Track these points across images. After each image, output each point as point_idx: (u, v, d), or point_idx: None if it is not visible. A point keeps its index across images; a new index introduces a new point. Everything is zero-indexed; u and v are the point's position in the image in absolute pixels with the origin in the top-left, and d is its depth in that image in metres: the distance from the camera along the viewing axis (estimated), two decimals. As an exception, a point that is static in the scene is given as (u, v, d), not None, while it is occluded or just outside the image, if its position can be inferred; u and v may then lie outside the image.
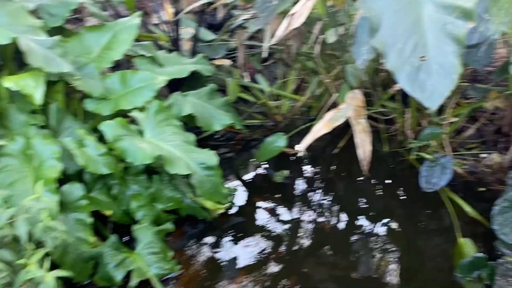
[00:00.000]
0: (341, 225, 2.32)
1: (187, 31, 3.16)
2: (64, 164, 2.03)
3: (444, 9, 1.54)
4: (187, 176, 2.17)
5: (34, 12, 2.32)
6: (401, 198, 2.48)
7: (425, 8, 1.57)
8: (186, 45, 3.13)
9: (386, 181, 2.57)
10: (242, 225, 2.35)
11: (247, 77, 3.07)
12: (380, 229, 2.25)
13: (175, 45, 3.01)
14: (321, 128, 2.16)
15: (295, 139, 2.59)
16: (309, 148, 2.33)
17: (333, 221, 2.35)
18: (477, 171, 2.38)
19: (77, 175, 2.19)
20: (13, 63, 2.24)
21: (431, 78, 1.49)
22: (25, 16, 2.21)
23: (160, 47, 3.05)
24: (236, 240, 2.25)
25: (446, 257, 2.04)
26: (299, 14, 2.05)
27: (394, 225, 2.28)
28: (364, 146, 2.17)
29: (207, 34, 3.25)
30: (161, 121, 2.27)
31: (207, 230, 2.31)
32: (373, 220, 2.31)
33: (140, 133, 2.24)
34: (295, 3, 2.26)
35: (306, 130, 2.39)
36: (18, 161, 1.98)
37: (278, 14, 2.33)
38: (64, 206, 1.98)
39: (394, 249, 2.14)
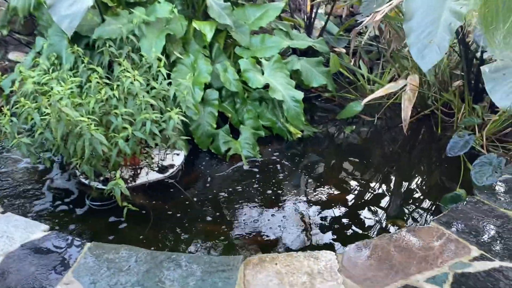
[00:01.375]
0: (380, 155, 3.24)
1: (319, 23, 4.29)
2: (212, 79, 3.33)
3: (453, 13, 2.40)
4: (282, 106, 3.30)
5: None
6: (426, 154, 3.29)
7: (444, 12, 2.45)
8: (316, 32, 4.27)
9: (421, 143, 3.39)
10: (307, 148, 3.40)
11: (353, 63, 4.08)
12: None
13: (307, 30, 4.17)
14: (379, 92, 3.10)
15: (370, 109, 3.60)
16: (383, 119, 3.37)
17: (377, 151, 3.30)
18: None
19: (219, 90, 3.46)
20: (201, 14, 3.61)
21: (431, 52, 2.37)
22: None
23: (297, 29, 4.24)
24: (301, 157, 3.30)
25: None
26: (381, 12, 3.02)
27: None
28: (406, 111, 3.04)
29: (333, 28, 4.33)
30: (276, 68, 3.44)
31: (287, 146, 3.40)
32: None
33: (262, 72, 3.44)
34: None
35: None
36: (186, 68, 3.32)
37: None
38: (205, 102, 3.27)
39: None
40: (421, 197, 2.88)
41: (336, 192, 2.87)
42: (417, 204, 2.81)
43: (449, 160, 3.07)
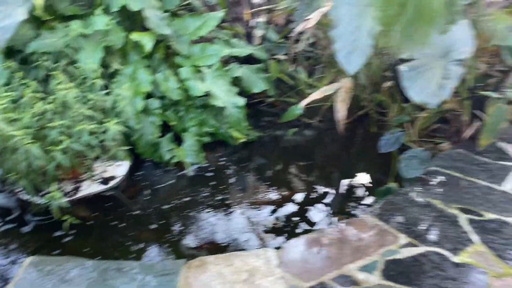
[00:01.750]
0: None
1: (260, 31, 4.42)
2: (153, 89, 3.36)
3: (374, 19, 2.57)
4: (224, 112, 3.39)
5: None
6: (362, 152, 3.50)
7: (366, 20, 2.61)
8: (256, 41, 4.39)
9: (358, 142, 3.59)
10: (252, 152, 3.50)
11: (293, 69, 4.22)
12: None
13: (248, 38, 4.29)
14: (315, 95, 3.24)
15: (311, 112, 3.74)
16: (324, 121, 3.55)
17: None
18: (427, 150, 3.24)
19: (161, 99, 3.49)
20: (139, 26, 3.64)
21: (356, 57, 2.52)
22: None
23: (239, 38, 4.35)
24: (245, 161, 3.39)
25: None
26: (313, 20, 3.17)
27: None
28: (340, 112, 3.20)
29: (273, 36, 4.47)
30: (217, 75, 3.52)
31: (232, 151, 3.48)
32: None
33: (203, 80, 3.51)
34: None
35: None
36: (126, 79, 3.34)
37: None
38: (146, 111, 3.30)
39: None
40: (358, 192, 3.03)
41: (280, 193, 2.97)
42: (354, 198, 2.96)
43: (383, 156, 3.25)
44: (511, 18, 2.56)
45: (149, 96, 3.35)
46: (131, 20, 3.61)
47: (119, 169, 3.03)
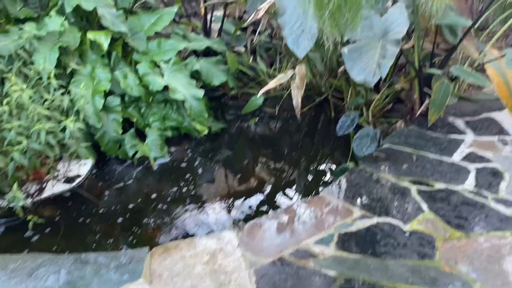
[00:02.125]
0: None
1: (217, 25, 4.48)
2: (113, 86, 3.39)
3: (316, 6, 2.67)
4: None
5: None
6: (322, 136, 3.62)
7: (310, 4, 2.71)
8: (214, 34, 4.45)
9: (318, 127, 3.70)
10: (217, 143, 3.57)
11: (252, 60, 4.31)
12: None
13: (205, 32, 4.34)
14: (271, 83, 3.32)
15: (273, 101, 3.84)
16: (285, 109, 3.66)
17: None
18: (382, 129, 3.38)
19: (121, 97, 3.53)
20: (96, 25, 3.66)
21: (303, 41, 2.62)
22: (106, -3, 3.64)
23: (196, 33, 4.40)
24: (209, 153, 3.46)
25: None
26: (262, 9, 3.26)
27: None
28: (297, 98, 3.29)
29: (231, 29, 4.54)
30: (175, 70, 3.57)
31: (196, 144, 3.54)
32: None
33: (162, 75, 3.55)
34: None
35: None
36: (85, 78, 3.35)
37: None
38: (107, 109, 3.33)
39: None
40: (318, 174, 3.14)
41: (244, 181, 3.06)
42: (315, 179, 3.07)
43: (342, 139, 3.37)
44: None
45: (110, 93, 3.38)
46: (88, 20, 3.63)
47: (84, 167, 3.06)
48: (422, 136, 3.06)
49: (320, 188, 2.93)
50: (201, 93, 3.45)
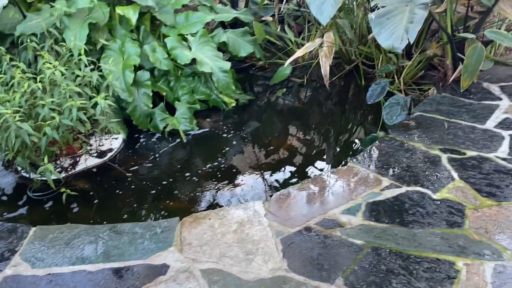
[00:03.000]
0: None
1: (244, -6, 4.43)
2: (143, 61, 3.44)
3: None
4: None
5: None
6: (353, 105, 3.56)
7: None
8: (242, 4, 4.41)
9: (347, 96, 3.65)
10: (245, 115, 3.59)
11: (280, 29, 4.25)
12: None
13: (232, 3, 4.30)
14: (299, 52, 3.29)
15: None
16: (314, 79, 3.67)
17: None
18: (414, 97, 3.29)
19: (151, 71, 3.57)
20: (124, 0, 3.68)
21: (327, 7, 2.56)
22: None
23: (223, 3, 4.37)
24: (238, 125, 3.49)
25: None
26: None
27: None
28: (325, 67, 3.25)
29: (259, -3, 4.48)
30: (202, 42, 3.57)
31: (225, 116, 3.57)
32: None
33: (189, 48, 3.57)
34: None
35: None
36: (115, 53, 3.41)
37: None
38: (138, 83, 3.39)
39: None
40: (349, 143, 3.12)
41: (272, 152, 3.07)
42: (344, 149, 3.05)
43: (373, 107, 3.31)
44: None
45: (140, 68, 3.43)
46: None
47: (115, 142, 3.15)
48: (455, 103, 2.98)
49: (349, 159, 2.91)
50: (227, 65, 3.45)
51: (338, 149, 3.07)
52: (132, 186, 2.77)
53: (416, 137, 2.66)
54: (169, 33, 3.64)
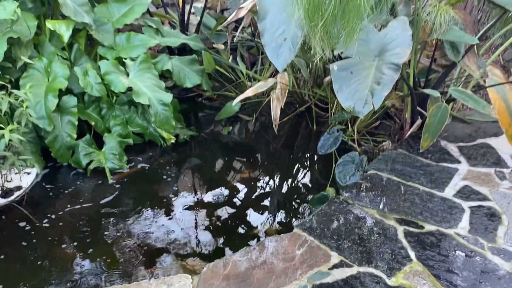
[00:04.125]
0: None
1: (196, 18, 4.08)
2: (72, 84, 3.00)
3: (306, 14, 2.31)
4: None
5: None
6: (302, 152, 3.30)
7: (295, 10, 2.35)
8: (193, 28, 4.06)
9: (297, 140, 3.37)
10: (186, 153, 3.21)
11: (231, 59, 3.93)
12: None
13: (182, 26, 3.94)
14: (248, 92, 2.97)
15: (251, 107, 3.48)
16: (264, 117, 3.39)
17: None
18: (368, 149, 3.06)
19: (81, 96, 3.14)
20: (59, 12, 3.23)
21: (284, 52, 2.26)
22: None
23: (173, 26, 4.00)
24: (177, 164, 3.10)
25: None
26: (245, 8, 2.88)
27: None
28: (275, 110, 2.95)
29: (212, 23, 4.15)
30: (143, 68, 3.18)
31: (161, 153, 3.17)
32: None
33: (127, 73, 3.16)
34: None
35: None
36: (39, 74, 2.95)
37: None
38: (62, 110, 2.94)
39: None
40: (294, 199, 2.82)
41: (210, 206, 2.69)
42: (288, 207, 2.74)
43: (323, 157, 3.04)
44: (452, 11, 2.37)
45: (68, 92, 2.99)
46: (49, 7, 3.21)
47: (27, 177, 2.68)
48: (412, 162, 2.75)
49: (294, 220, 2.59)
50: (169, 97, 3.07)
51: (283, 204, 2.75)
52: (34, 240, 2.31)
53: (369, 202, 2.39)
54: (106, 55, 3.23)
